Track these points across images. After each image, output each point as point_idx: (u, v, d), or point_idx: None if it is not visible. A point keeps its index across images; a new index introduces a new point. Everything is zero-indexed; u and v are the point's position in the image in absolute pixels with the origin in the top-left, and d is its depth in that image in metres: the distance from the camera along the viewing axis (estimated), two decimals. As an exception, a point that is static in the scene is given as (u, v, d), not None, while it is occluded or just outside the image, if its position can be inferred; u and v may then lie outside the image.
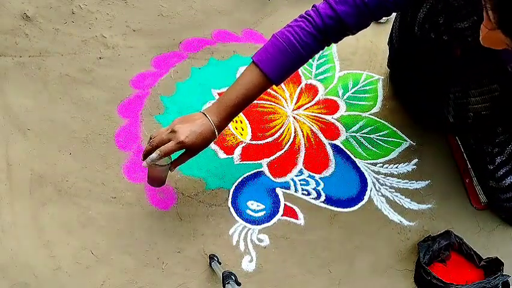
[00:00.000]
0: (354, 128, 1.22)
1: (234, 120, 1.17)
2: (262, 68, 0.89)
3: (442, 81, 1.08)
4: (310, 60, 1.29)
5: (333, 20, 0.87)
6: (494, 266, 1.02)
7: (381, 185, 1.15)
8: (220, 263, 0.98)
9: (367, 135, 1.21)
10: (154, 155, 0.88)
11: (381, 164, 1.18)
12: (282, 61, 0.89)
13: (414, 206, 1.13)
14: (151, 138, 0.90)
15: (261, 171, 1.13)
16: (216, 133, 0.91)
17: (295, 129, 1.20)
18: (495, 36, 0.68)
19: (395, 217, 1.11)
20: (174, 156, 0.92)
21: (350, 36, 0.94)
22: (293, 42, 0.88)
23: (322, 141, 1.19)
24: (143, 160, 0.91)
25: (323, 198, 1.12)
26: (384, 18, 1.38)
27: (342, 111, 1.25)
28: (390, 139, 1.22)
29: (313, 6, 0.90)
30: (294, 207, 1.10)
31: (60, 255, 0.99)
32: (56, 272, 0.97)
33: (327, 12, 0.87)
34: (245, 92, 0.90)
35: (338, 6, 0.87)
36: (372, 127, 1.23)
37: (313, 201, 1.11)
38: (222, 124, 0.92)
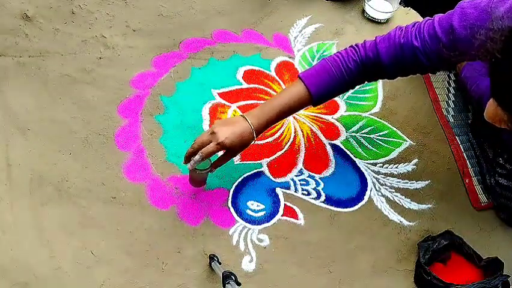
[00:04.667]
0: (354, 128, 1.22)
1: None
2: (306, 83, 0.94)
3: None
4: (310, 60, 1.31)
5: (373, 54, 0.92)
6: (494, 266, 1.02)
7: (381, 185, 1.15)
8: (220, 263, 0.98)
9: (367, 135, 1.21)
10: (196, 157, 0.93)
11: (381, 164, 1.18)
12: (326, 80, 0.94)
13: (414, 206, 1.13)
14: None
15: (261, 171, 1.13)
16: (254, 136, 0.95)
17: (295, 129, 1.20)
18: (496, 111, 0.72)
19: (395, 217, 1.11)
20: (214, 157, 0.96)
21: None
22: (339, 65, 0.93)
23: (322, 141, 1.19)
24: (185, 163, 0.97)
25: (322, 198, 1.12)
26: (384, 18, 1.39)
27: (342, 111, 1.25)
28: (390, 139, 1.22)
29: (364, 40, 0.95)
30: (294, 207, 1.10)
31: (60, 255, 0.99)
32: (56, 272, 0.97)
33: (371, 46, 0.93)
34: (286, 103, 0.95)
35: (380, 43, 0.92)
36: (372, 127, 1.23)
37: (313, 201, 1.11)
38: (260, 128, 0.96)
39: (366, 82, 0.98)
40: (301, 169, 1.15)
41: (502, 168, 1.09)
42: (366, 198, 1.13)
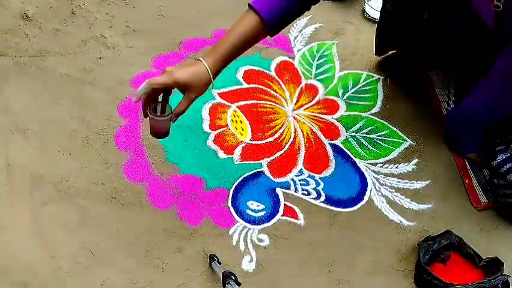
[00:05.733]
0: (354, 128, 1.22)
1: (234, 120, 1.19)
2: (256, 9, 0.88)
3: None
4: (310, 60, 1.31)
5: None
6: (494, 266, 1.02)
7: (381, 185, 1.15)
8: (220, 263, 0.98)
9: (367, 135, 1.21)
10: (141, 86, 0.83)
11: (381, 164, 1.18)
12: (276, 4, 0.88)
13: (414, 206, 1.13)
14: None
15: (261, 171, 1.13)
16: (210, 74, 0.87)
17: (295, 129, 1.20)
18: None
19: (395, 217, 1.11)
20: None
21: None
22: None
23: (322, 141, 1.19)
24: (144, 112, 0.88)
25: (322, 198, 1.12)
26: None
27: (342, 111, 1.25)
28: (390, 139, 1.22)
29: None
30: (294, 207, 1.10)
31: (60, 255, 0.99)
32: (56, 272, 0.97)
33: None
34: (240, 35, 0.88)
35: None
36: (372, 127, 1.23)
37: (313, 201, 1.11)
38: (216, 65, 0.88)
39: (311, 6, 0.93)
40: (301, 169, 1.15)
41: (505, 152, 1.08)
42: (366, 198, 1.13)
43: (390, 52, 1.30)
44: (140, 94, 0.84)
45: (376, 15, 1.38)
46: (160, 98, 0.87)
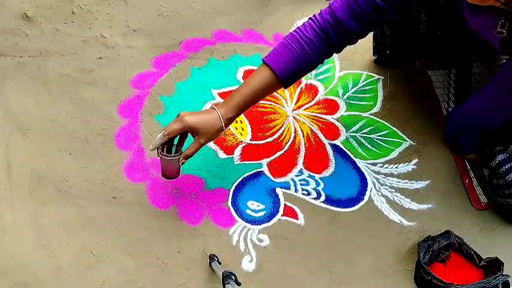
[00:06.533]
0: (354, 128, 1.22)
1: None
2: (269, 65, 0.92)
3: None
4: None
5: (330, 16, 0.91)
6: (494, 266, 1.02)
7: (381, 185, 1.15)
8: (220, 263, 0.98)
9: (367, 135, 1.21)
10: (159, 135, 0.91)
11: (381, 164, 1.18)
12: (288, 57, 0.92)
13: (414, 206, 1.13)
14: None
15: (261, 171, 1.13)
16: (222, 121, 0.93)
17: (295, 129, 1.20)
18: None
19: (395, 217, 1.11)
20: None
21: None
22: (298, 39, 0.91)
23: (322, 141, 1.19)
24: (151, 149, 0.93)
25: (323, 198, 1.12)
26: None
27: (342, 111, 1.25)
28: (390, 139, 1.22)
29: (320, 10, 0.94)
30: (294, 207, 1.10)
31: (61, 255, 0.99)
32: (56, 272, 0.97)
33: (326, 10, 0.92)
34: (255, 88, 0.93)
35: (333, 3, 0.91)
36: (372, 127, 1.23)
37: (313, 201, 1.11)
38: (229, 115, 0.93)
39: (334, 53, 0.96)
40: (301, 169, 1.15)
41: (504, 153, 1.09)
42: (366, 198, 1.13)
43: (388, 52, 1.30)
44: (156, 144, 0.92)
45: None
46: (175, 141, 0.95)
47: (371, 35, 1.27)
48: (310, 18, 0.93)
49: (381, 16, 0.91)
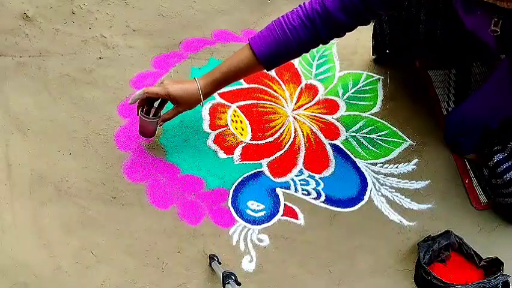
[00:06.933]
0: (354, 128, 1.22)
1: (234, 120, 1.19)
2: (252, 46, 0.95)
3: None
4: (310, 60, 1.31)
5: (319, 5, 0.91)
6: (494, 266, 1.02)
7: (381, 185, 1.15)
8: (220, 263, 0.98)
9: (367, 135, 1.21)
10: (138, 91, 0.97)
11: (381, 164, 1.18)
12: (270, 41, 0.94)
13: (414, 206, 1.13)
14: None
15: (261, 171, 1.13)
16: (201, 93, 0.98)
17: (295, 129, 1.20)
18: None
19: (395, 217, 1.11)
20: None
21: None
22: (282, 24, 0.93)
23: (322, 141, 1.19)
24: (137, 112, 1.01)
25: (323, 198, 1.12)
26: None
27: (342, 111, 1.25)
28: (390, 139, 1.22)
29: None
30: (294, 207, 1.10)
31: (61, 255, 0.99)
32: (56, 272, 0.97)
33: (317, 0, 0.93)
34: (234, 65, 0.97)
35: None
36: (372, 127, 1.23)
37: (313, 201, 1.11)
38: (207, 88, 0.99)
39: (320, 43, 0.96)
40: (301, 169, 1.15)
41: (502, 152, 1.09)
42: (366, 198, 1.13)
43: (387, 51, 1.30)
44: (135, 98, 0.98)
45: (376, 15, 1.38)
46: (156, 104, 1.02)
47: (370, 34, 1.27)
48: (299, 5, 0.94)
49: (370, 10, 0.91)
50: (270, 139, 1.18)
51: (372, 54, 1.30)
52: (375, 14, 0.93)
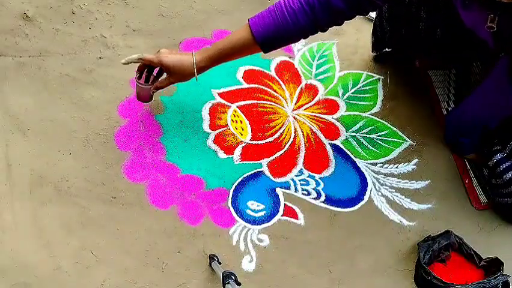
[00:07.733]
0: (354, 128, 1.22)
1: (234, 120, 1.19)
2: (250, 26, 0.95)
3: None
4: (310, 60, 1.31)
5: None
6: (494, 266, 1.02)
7: (381, 185, 1.15)
8: (220, 263, 0.98)
9: (367, 135, 1.21)
10: (134, 55, 0.99)
11: (381, 164, 1.18)
12: (269, 23, 0.94)
13: (414, 206, 1.13)
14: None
15: (261, 171, 1.13)
16: (195, 68, 0.99)
17: (295, 129, 1.20)
18: None
19: (395, 217, 1.11)
20: None
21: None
22: (282, 7, 0.93)
23: (322, 141, 1.19)
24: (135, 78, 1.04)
25: (323, 198, 1.12)
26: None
27: (342, 111, 1.25)
28: (390, 139, 1.22)
29: None
30: (294, 207, 1.10)
31: (61, 255, 0.99)
32: (56, 272, 0.97)
33: None
34: (231, 43, 0.97)
35: None
36: (372, 127, 1.23)
37: (313, 201, 1.11)
38: (202, 63, 0.99)
39: (319, 30, 0.96)
40: (301, 169, 1.15)
41: (502, 152, 1.09)
42: (366, 198, 1.13)
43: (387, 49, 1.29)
44: (130, 59, 1.00)
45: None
46: (155, 73, 1.04)
47: (370, 34, 1.27)
48: None
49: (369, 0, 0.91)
50: (270, 139, 1.18)
51: (372, 52, 1.30)
52: (374, 4, 0.93)
